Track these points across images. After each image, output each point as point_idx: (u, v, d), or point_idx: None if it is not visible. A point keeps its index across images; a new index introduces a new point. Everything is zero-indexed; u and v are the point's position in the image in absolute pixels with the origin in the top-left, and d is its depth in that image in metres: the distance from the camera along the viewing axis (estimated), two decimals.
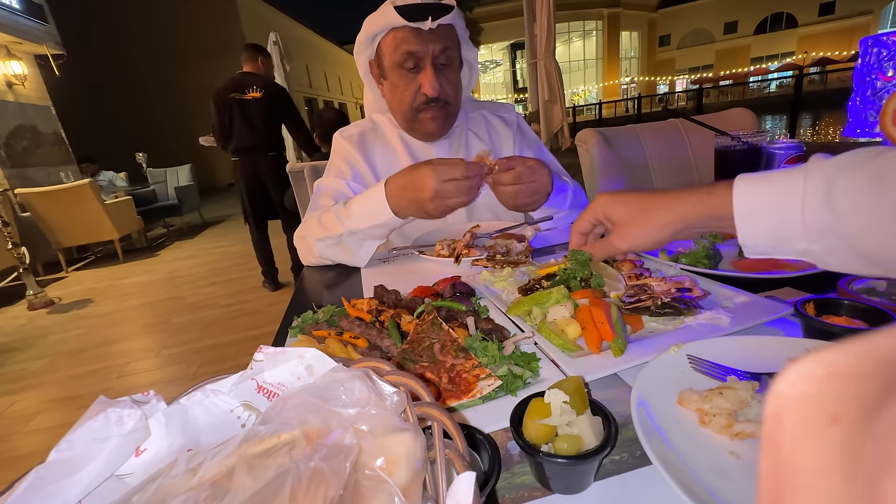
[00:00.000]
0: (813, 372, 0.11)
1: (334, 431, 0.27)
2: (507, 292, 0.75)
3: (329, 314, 0.70)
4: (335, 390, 0.30)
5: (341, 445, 0.24)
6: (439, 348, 0.54)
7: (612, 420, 0.37)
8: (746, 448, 0.37)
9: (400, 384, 0.32)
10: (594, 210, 0.64)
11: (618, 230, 0.61)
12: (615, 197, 0.61)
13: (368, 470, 0.24)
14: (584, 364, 0.51)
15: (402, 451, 0.26)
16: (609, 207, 0.62)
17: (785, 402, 0.11)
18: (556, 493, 0.37)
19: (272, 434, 0.29)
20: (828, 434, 0.10)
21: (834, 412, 0.10)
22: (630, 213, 0.59)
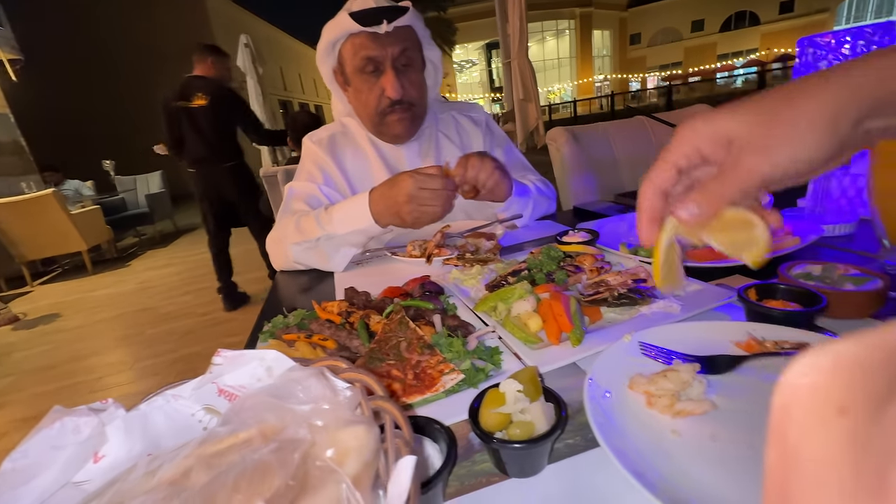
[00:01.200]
0: (822, 363, 0.11)
1: (289, 427, 0.28)
2: (476, 290, 0.77)
3: (300, 318, 0.70)
4: (292, 389, 0.31)
5: (293, 439, 0.26)
6: (405, 346, 0.55)
7: (563, 406, 0.40)
8: (686, 425, 0.40)
9: (355, 380, 0.33)
10: (682, 143, 0.36)
11: (750, 146, 0.33)
12: (710, 115, 0.35)
13: (319, 461, 0.26)
14: (544, 355, 0.53)
15: (353, 443, 0.27)
16: (710, 126, 0.35)
17: (793, 393, 0.11)
18: (513, 477, 0.39)
19: (230, 434, 0.30)
20: (836, 425, 0.10)
21: (842, 403, 0.10)
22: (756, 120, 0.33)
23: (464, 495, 0.38)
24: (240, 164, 3.14)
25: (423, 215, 0.91)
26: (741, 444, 0.37)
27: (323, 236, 0.98)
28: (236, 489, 0.21)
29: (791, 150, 0.32)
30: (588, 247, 0.80)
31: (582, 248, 0.79)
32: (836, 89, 0.31)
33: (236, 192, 3.11)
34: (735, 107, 0.35)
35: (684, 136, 0.36)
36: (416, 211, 0.90)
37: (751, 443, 0.37)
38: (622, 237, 0.89)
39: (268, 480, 0.22)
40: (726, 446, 0.38)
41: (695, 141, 0.35)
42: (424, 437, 0.39)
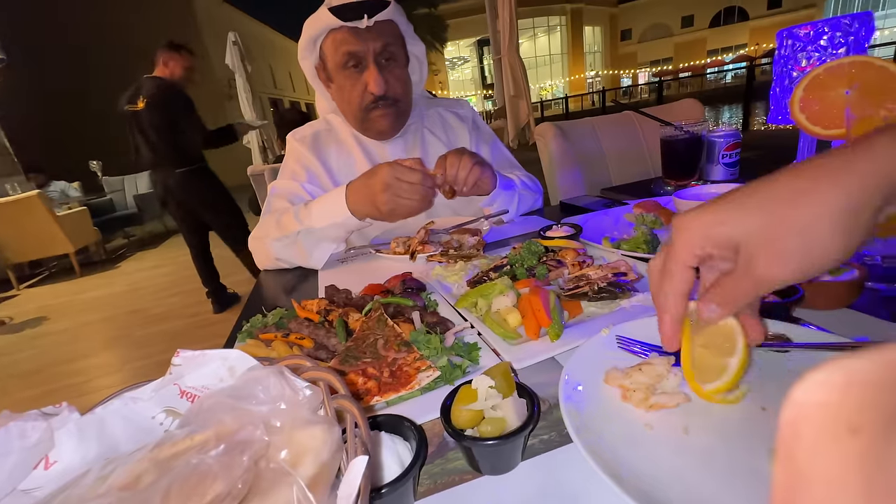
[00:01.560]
0: (832, 380, 0.11)
1: (245, 429, 0.27)
2: (459, 286, 0.76)
3: (278, 317, 0.69)
4: (252, 389, 0.30)
5: (243, 441, 0.25)
6: (382, 344, 0.54)
7: (536, 401, 0.39)
8: (659, 419, 0.39)
9: (319, 379, 0.32)
10: (687, 246, 0.34)
11: (760, 253, 0.31)
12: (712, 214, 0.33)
13: (273, 463, 0.25)
14: (522, 351, 0.53)
15: (310, 444, 0.27)
16: (714, 230, 0.32)
17: (802, 410, 0.11)
18: (486, 475, 0.38)
19: (187, 436, 0.29)
20: (847, 445, 0.10)
21: (854, 422, 0.10)
22: (765, 224, 0.30)
23: (436, 493, 0.38)
24: (197, 170, 2.92)
25: (398, 206, 0.90)
26: (713, 436, 0.37)
27: (302, 231, 0.97)
28: (168, 496, 0.20)
29: (808, 257, 0.30)
30: (571, 241, 0.80)
31: (564, 243, 0.78)
32: (857, 179, 0.28)
33: (195, 199, 2.93)
34: (740, 202, 0.32)
35: (689, 241, 0.34)
36: (391, 201, 0.89)
37: (723, 434, 0.37)
38: (605, 231, 0.89)
39: (205, 486, 0.21)
40: (699, 439, 0.37)
41: (701, 244, 0.33)
42: (395, 436, 0.38)
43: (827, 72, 0.66)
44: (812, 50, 0.75)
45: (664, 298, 0.36)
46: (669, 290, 0.36)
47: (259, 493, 0.23)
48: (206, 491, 0.21)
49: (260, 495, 0.23)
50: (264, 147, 4.92)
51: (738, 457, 0.35)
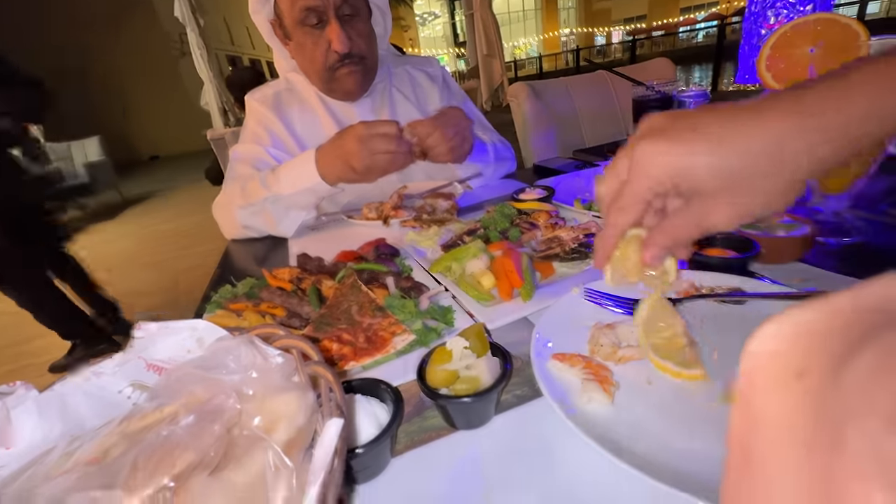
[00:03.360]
0: (782, 331, 0.11)
1: (216, 398, 0.27)
2: (433, 250, 0.76)
3: (249, 286, 0.68)
4: (222, 359, 0.30)
5: (214, 410, 0.24)
6: (357, 310, 0.54)
7: (508, 360, 0.40)
8: (624, 371, 0.42)
9: (291, 347, 0.32)
10: (649, 185, 0.33)
11: (713, 203, 0.32)
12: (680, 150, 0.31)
13: (246, 430, 0.25)
14: (496, 311, 0.54)
15: (284, 410, 0.27)
16: (667, 160, 0.32)
17: (756, 360, 0.12)
18: (461, 430, 0.40)
19: (156, 409, 0.28)
20: (794, 388, 0.11)
21: (800, 367, 0.11)
22: (728, 174, 0.30)
23: (414, 449, 0.39)
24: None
25: (374, 163, 0.86)
26: (674, 384, 0.40)
27: (269, 197, 0.94)
28: (136, 468, 0.20)
29: (758, 208, 0.31)
30: (543, 204, 0.80)
31: (537, 205, 0.79)
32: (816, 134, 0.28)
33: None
34: (693, 132, 0.31)
35: (649, 181, 0.33)
36: (367, 157, 0.85)
37: (682, 384, 0.40)
38: (577, 193, 0.89)
39: (174, 456, 0.21)
40: (660, 388, 0.40)
41: (660, 185, 0.33)
42: (372, 398, 0.39)
43: (794, 29, 0.66)
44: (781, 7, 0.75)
45: (612, 228, 0.36)
46: (621, 223, 0.36)
47: (234, 460, 0.23)
48: (175, 461, 0.20)
49: (235, 462, 0.23)
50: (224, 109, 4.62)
51: (696, 403, 0.38)
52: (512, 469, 0.36)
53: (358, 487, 0.36)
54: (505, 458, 0.37)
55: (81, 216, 5.89)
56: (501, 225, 0.71)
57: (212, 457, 0.22)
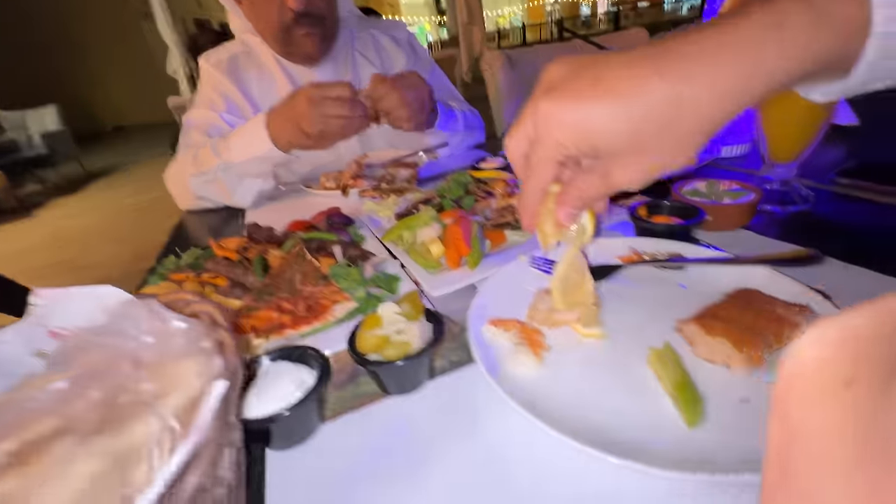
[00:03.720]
0: (827, 335, 0.10)
1: (109, 364, 0.26)
2: (389, 220, 0.75)
3: (194, 257, 0.65)
4: (121, 325, 0.28)
5: (98, 376, 0.23)
6: (300, 279, 0.53)
7: (442, 325, 0.40)
8: (558, 335, 0.42)
9: (202, 312, 0.31)
10: (558, 145, 0.31)
11: (620, 164, 0.31)
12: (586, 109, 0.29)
13: (136, 397, 0.24)
14: (442, 279, 0.53)
15: (182, 376, 0.26)
16: (586, 133, 0.30)
17: (797, 366, 0.11)
18: (393, 395, 0.40)
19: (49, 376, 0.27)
20: (841, 398, 0.10)
21: (848, 375, 0.10)
22: (631, 131, 0.29)
23: (346, 415, 0.39)
24: None
25: (327, 126, 0.81)
26: (601, 348, 0.40)
27: (221, 166, 0.89)
28: None
29: (664, 166, 0.30)
30: (501, 172, 0.79)
31: (495, 174, 0.78)
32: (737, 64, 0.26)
33: None
34: (595, 87, 0.29)
35: (558, 141, 0.31)
36: (319, 121, 0.80)
37: (612, 342, 0.40)
38: None
39: (31, 420, 0.20)
40: (591, 352, 0.40)
41: (569, 146, 0.31)
42: (301, 365, 0.38)
43: None
44: None
45: (527, 192, 0.36)
46: (534, 186, 0.35)
47: (115, 427, 0.22)
48: (27, 428, 0.19)
49: (116, 429, 0.22)
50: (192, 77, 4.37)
51: (625, 361, 0.38)
52: (443, 433, 0.36)
53: (285, 453, 0.36)
54: (436, 423, 0.37)
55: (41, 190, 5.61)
56: (455, 193, 0.70)
57: (84, 423, 0.21)
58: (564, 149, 0.31)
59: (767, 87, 0.26)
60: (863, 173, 0.67)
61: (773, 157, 0.64)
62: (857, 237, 0.57)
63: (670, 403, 0.33)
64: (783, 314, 0.36)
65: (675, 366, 0.34)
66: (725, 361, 0.35)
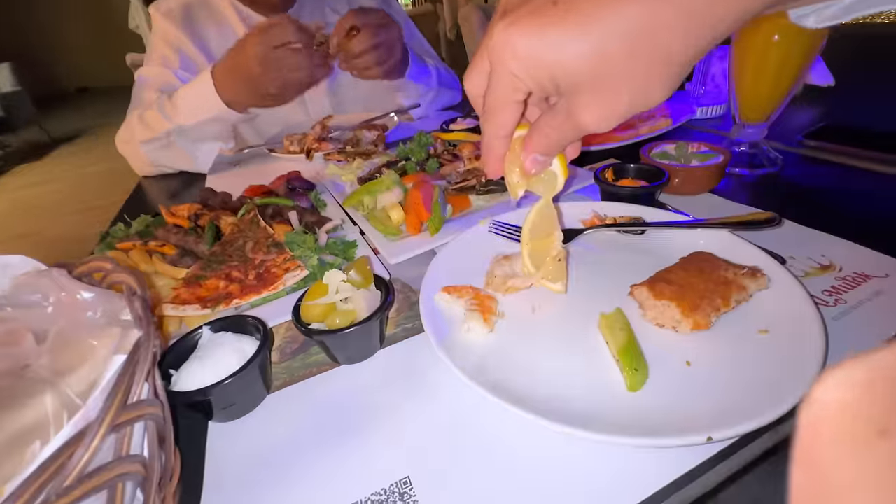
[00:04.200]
0: (854, 377, 0.09)
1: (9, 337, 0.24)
2: (352, 184, 0.72)
3: (143, 224, 0.62)
4: (25, 296, 0.26)
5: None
6: (252, 246, 0.51)
7: (391, 292, 0.39)
8: (511, 301, 0.41)
9: (121, 282, 0.29)
10: (514, 82, 0.28)
11: (583, 101, 0.27)
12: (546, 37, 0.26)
13: (37, 373, 0.22)
14: (400, 246, 0.52)
15: (91, 349, 0.24)
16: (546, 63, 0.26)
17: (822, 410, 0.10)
18: (342, 364, 0.39)
19: None
20: (877, 448, 0.09)
21: (882, 423, 0.09)
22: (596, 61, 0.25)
23: (295, 384, 0.38)
24: None
25: (288, 80, 0.76)
26: (555, 313, 0.40)
27: (174, 129, 0.84)
28: None
29: (633, 104, 0.27)
30: (471, 134, 0.76)
31: (463, 136, 0.75)
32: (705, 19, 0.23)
33: None
34: (555, 9, 0.25)
35: (513, 78, 0.27)
36: (277, 77, 0.75)
37: (568, 307, 0.40)
38: None
39: None
40: (543, 317, 0.39)
41: (525, 82, 0.27)
42: (243, 335, 0.37)
43: None
44: None
45: (488, 137, 0.32)
46: (493, 131, 0.32)
47: (8, 404, 0.20)
48: None
49: (9, 406, 0.20)
50: None
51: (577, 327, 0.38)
52: (393, 401, 0.35)
53: (228, 424, 0.35)
54: (386, 391, 0.36)
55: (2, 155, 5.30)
56: (418, 156, 0.67)
57: None
58: (520, 83, 0.27)
59: (752, 5, 0.24)
60: (831, 135, 0.66)
61: (744, 116, 0.63)
62: (821, 201, 0.57)
63: (617, 368, 0.33)
64: (732, 277, 0.35)
65: (622, 330, 0.34)
66: (673, 325, 0.35)
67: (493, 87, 0.29)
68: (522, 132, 0.33)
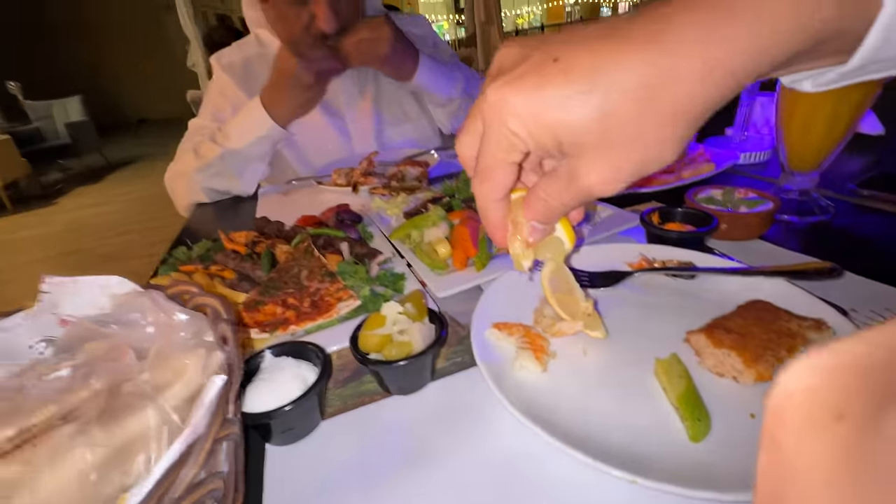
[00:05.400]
0: (819, 364, 0.10)
1: (110, 354, 0.26)
2: (398, 218, 0.74)
3: (204, 249, 0.66)
4: (125, 315, 0.29)
5: (100, 366, 0.24)
6: (306, 274, 0.53)
7: (445, 326, 0.40)
8: (562, 342, 0.41)
9: (206, 305, 0.31)
10: (510, 142, 0.27)
11: (587, 165, 0.26)
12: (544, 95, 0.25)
13: (137, 387, 0.24)
14: (448, 280, 0.53)
15: (184, 368, 0.26)
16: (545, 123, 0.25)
17: (787, 396, 0.10)
18: (395, 395, 0.39)
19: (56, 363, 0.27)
20: (833, 432, 0.09)
21: (840, 408, 0.09)
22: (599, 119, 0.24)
23: (347, 412, 0.39)
24: None
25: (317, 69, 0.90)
26: (607, 356, 0.39)
27: (225, 153, 0.93)
28: None
29: (640, 167, 0.25)
30: None
31: None
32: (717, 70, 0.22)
33: None
34: (555, 68, 0.24)
35: (508, 137, 0.26)
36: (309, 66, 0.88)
37: (618, 351, 0.40)
38: None
39: (31, 408, 0.20)
40: (595, 360, 0.39)
41: (523, 142, 0.26)
42: (302, 361, 0.38)
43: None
44: None
45: (482, 201, 0.31)
46: (487, 194, 0.30)
47: (115, 416, 0.22)
48: (26, 416, 0.19)
49: (116, 420, 0.22)
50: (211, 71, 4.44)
51: (630, 371, 0.37)
52: (442, 434, 0.35)
53: (285, 448, 0.36)
54: (436, 424, 0.37)
55: (64, 178, 5.75)
56: (465, 193, 0.70)
57: (84, 411, 0.21)
58: (518, 141, 0.26)
59: (763, 60, 0.22)
60: (885, 184, 0.65)
61: (793, 165, 0.63)
62: (878, 252, 0.55)
63: (675, 417, 0.32)
64: (796, 329, 0.35)
65: (680, 378, 0.33)
66: (733, 375, 0.34)
67: (486, 145, 0.28)
68: (517, 195, 0.31)
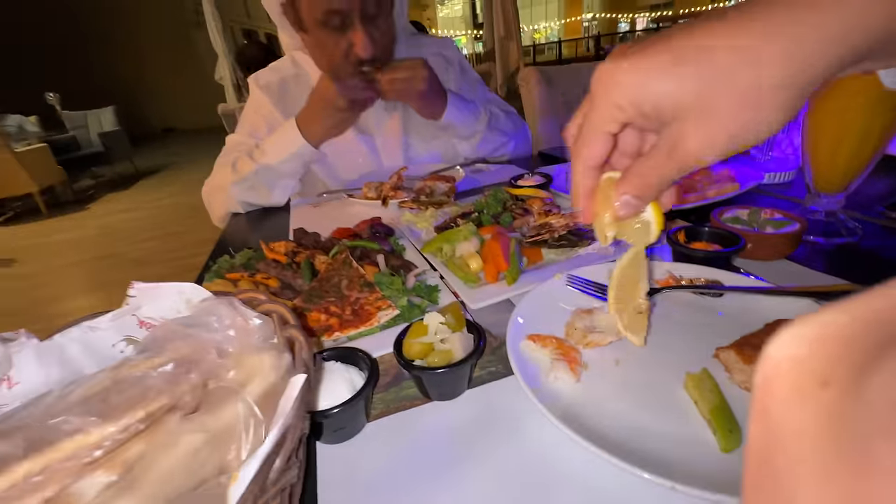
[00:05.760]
0: (805, 334, 0.10)
1: (197, 353, 0.29)
2: (427, 232, 0.78)
3: (246, 258, 0.70)
4: (205, 318, 0.32)
5: (193, 363, 0.27)
6: (346, 284, 0.56)
7: (482, 336, 0.42)
8: (594, 353, 0.43)
9: (272, 311, 0.34)
10: (611, 109, 0.29)
11: (691, 131, 0.27)
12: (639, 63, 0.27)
13: (223, 383, 0.27)
14: (480, 293, 0.56)
15: (259, 367, 0.29)
16: (641, 89, 0.28)
17: (775, 366, 0.11)
18: (434, 400, 0.42)
19: (145, 360, 0.31)
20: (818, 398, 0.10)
21: (824, 375, 0.10)
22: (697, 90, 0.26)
23: (389, 416, 0.41)
24: None
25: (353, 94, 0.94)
26: (639, 368, 0.41)
27: (260, 169, 0.99)
28: (111, 405, 0.22)
29: (742, 135, 0.26)
30: (538, 190, 0.81)
31: (532, 192, 0.80)
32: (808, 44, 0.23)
33: None
34: (663, 46, 0.26)
35: (611, 104, 0.28)
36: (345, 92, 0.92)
37: (647, 364, 0.41)
38: None
39: (148, 398, 0.23)
40: (628, 370, 0.41)
41: (625, 109, 0.28)
42: (350, 366, 0.41)
43: None
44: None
45: (577, 167, 0.32)
46: (582, 159, 0.32)
47: (209, 408, 0.25)
48: (149, 402, 0.23)
49: (210, 410, 0.25)
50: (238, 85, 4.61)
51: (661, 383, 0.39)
52: (481, 439, 0.38)
53: (333, 447, 0.38)
54: (473, 429, 0.39)
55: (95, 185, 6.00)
56: (494, 209, 0.72)
57: (186, 402, 0.24)
58: (619, 112, 0.28)
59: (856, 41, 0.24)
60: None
61: (819, 187, 0.64)
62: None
63: (706, 428, 0.34)
64: None
65: (711, 391, 0.35)
66: None
67: (590, 115, 0.30)
68: (615, 175, 0.33)
